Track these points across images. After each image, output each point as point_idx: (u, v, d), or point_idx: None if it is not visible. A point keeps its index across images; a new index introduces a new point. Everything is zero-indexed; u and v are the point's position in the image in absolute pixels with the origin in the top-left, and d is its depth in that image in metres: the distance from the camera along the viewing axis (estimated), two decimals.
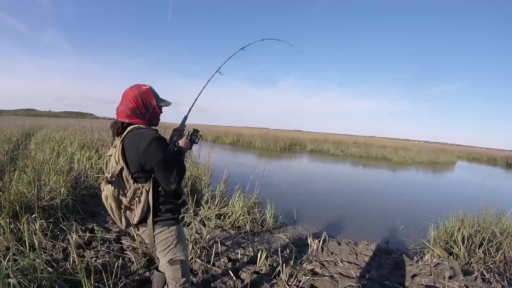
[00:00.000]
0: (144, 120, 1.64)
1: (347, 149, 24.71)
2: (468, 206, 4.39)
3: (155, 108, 1.67)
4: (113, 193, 1.52)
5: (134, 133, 1.55)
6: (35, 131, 11.56)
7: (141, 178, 1.56)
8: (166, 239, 1.65)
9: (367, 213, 6.71)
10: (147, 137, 1.50)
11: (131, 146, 1.52)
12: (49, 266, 2.48)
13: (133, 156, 1.52)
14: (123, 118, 1.60)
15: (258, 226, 4.44)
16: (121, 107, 1.61)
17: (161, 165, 1.51)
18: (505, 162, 31.64)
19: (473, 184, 11.90)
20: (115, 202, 1.54)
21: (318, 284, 2.93)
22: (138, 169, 1.54)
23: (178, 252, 1.70)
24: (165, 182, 1.55)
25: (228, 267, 3.03)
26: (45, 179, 4.10)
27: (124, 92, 1.63)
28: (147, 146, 1.48)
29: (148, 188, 1.55)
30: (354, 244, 4.14)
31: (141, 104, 1.60)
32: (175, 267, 1.69)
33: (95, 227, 3.57)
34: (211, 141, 26.27)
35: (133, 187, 1.53)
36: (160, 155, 1.50)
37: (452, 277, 3.13)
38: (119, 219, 1.60)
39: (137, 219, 1.56)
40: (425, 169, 19.35)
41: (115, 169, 1.52)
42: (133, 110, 1.59)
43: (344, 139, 31.69)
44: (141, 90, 1.61)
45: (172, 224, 1.65)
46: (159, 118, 1.75)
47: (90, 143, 7.32)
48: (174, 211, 1.68)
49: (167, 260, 1.69)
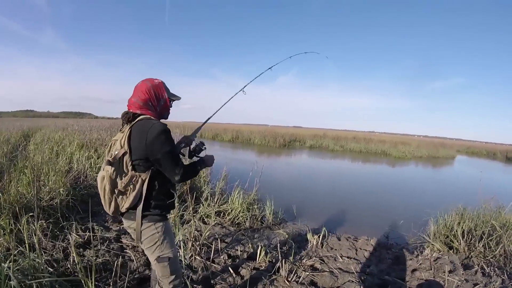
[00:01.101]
0: (155, 112, 1.70)
1: (346, 144, 24.80)
2: (468, 200, 4.41)
3: (167, 101, 1.74)
4: (111, 175, 1.55)
5: (144, 122, 1.60)
6: (34, 132, 11.58)
7: (140, 166, 1.59)
8: (152, 235, 1.66)
9: (367, 208, 6.75)
10: (157, 128, 1.55)
11: (139, 134, 1.56)
12: (50, 266, 2.51)
13: (139, 144, 1.56)
14: (135, 109, 1.66)
15: (257, 222, 4.46)
16: (133, 98, 1.66)
17: (168, 157, 1.56)
18: (505, 156, 31.81)
19: (472, 178, 11.92)
20: (110, 184, 1.56)
21: (318, 279, 2.96)
22: (140, 157, 1.57)
23: (166, 249, 1.71)
24: (170, 173, 1.59)
25: (228, 263, 3.06)
26: (44, 179, 4.11)
27: (137, 84, 1.69)
28: (156, 137, 1.53)
29: (145, 178, 1.58)
30: (354, 239, 4.17)
31: (153, 96, 1.67)
32: (163, 264, 1.71)
33: (95, 226, 3.59)
34: (211, 138, 26.43)
35: (131, 173, 1.56)
36: (167, 147, 1.56)
37: (452, 271, 3.15)
38: (108, 203, 1.60)
39: (127, 205, 1.58)
40: (424, 163, 19.40)
41: (119, 152, 1.56)
42: (146, 101, 1.65)
43: (344, 134, 31.71)
44: (153, 83, 1.69)
45: (158, 221, 1.67)
46: (169, 112, 1.81)
47: (89, 143, 7.34)
48: (163, 208, 1.69)
49: (154, 257, 1.70)
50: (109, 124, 12.25)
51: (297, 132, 28.51)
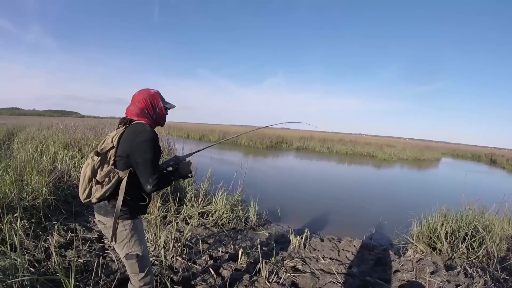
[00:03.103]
0: (151, 120, 1.84)
1: (332, 146, 25.46)
2: (452, 202, 4.50)
3: (162, 109, 1.88)
4: (95, 164, 1.67)
5: (138, 125, 1.73)
6: (19, 131, 11.47)
7: (120, 163, 1.68)
8: (120, 232, 1.72)
9: (352, 210, 6.91)
10: (148, 134, 1.68)
11: (130, 134, 1.68)
12: (31, 266, 2.56)
13: (127, 142, 1.67)
14: (132, 116, 1.79)
15: (241, 223, 4.54)
16: (131, 107, 1.81)
17: (147, 164, 1.65)
18: (489, 158, 32.73)
19: (457, 180, 12.18)
20: (91, 172, 1.67)
21: (299, 280, 3.02)
22: (122, 154, 1.67)
23: (134, 247, 1.77)
24: (144, 180, 1.67)
25: (209, 264, 3.11)
26: (27, 179, 4.12)
27: (134, 94, 1.83)
28: (143, 141, 1.64)
29: (122, 176, 1.67)
30: (337, 240, 4.26)
31: (149, 105, 1.81)
32: (131, 261, 1.77)
33: (77, 226, 3.63)
34: (198, 139, 26.65)
35: (110, 167, 1.66)
36: (150, 154, 1.65)
37: (435, 272, 3.23)
38: (83, 189, 1.72)
39: (98, 195, 1.67)
40: (409, 165, 19.93)
41: (107, 146, 1.69)
42: (142, 110, 1.79)
43: (330, 136, 32.35)
44: (150, 93, 1.83)
45: (126, 218, 1.73)
46: (165, 119, 1.96)
47: (73, 142, 7.33)
48: (132, 208, 1.76)
49: (123, 254, 1.78)
50: (94, 123, 12.18)
51: (284, 134, 28.89)
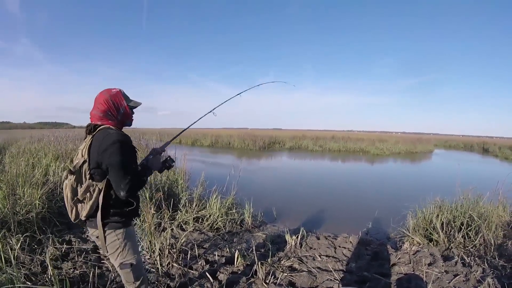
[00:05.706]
0: (116, 121, 1.80)
1: (325, 144, 25.70)
2: (446, 193, 4.58)
3: (126, 109, 1.83)
4: (72, 183, 1.66)
5: (102, 132, 1.70)
6: (10, 144, 11.50)
7: (96, 176, 1.66)
8: (113, 242, 1.74)
9: (347, 206, 7.02)
10: (112, 137, 1.64)
11: (96, 143, 1.66)
12: (28, 280, 2.61)
13: (95, 153, 1.65)
14: (96, 120, 1.76)
15: (237, 226, 4.61)
16: (93, 111, 1.77)
17: (115, 168, 1.62)
18: (481, 148, 33.15)
19: (450, 170, 12.27)
20: (71, 192, 1.67)
21: (296, 279, 3.08)
22: (95, 166, 1.65)
23: (128, 256, 1.79)
24: (116, 186, 1.65)
25: (206, 269, 3.16)
26: (20, 192, 4.16)
27: (96, 96, 1.78)
28: (108, 146, 1.61)
29: (101, 187, 1.66)
30: (333, 237, 4.33)
31: (112, 106, 1.76)
32: (126, 271, 1.80)
33: (72, 238, 3.70)
34: (190, 144, 26.82)
35: (88, 182, 1.65)
36: (117, 157, 1.61)
37: (432, 263, 3.30)
38: (70, 210, 1.71)
39: (85, 214, 1.67)
40: (402, 159, 20.19)
41: (79, 161, 1.68)
42: (105, 112, 1.75)
43: (323, 134, 32.58)
44: (111, 93, 1.78)
45: (118, 227, 1.74)
46: (131, 119, 1.91)
47: (64, 154, 7.35)
48: (122, 215, 1.76)
49: (117, 264, 1.80)
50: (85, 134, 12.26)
51: (276, 134, 29.21)
